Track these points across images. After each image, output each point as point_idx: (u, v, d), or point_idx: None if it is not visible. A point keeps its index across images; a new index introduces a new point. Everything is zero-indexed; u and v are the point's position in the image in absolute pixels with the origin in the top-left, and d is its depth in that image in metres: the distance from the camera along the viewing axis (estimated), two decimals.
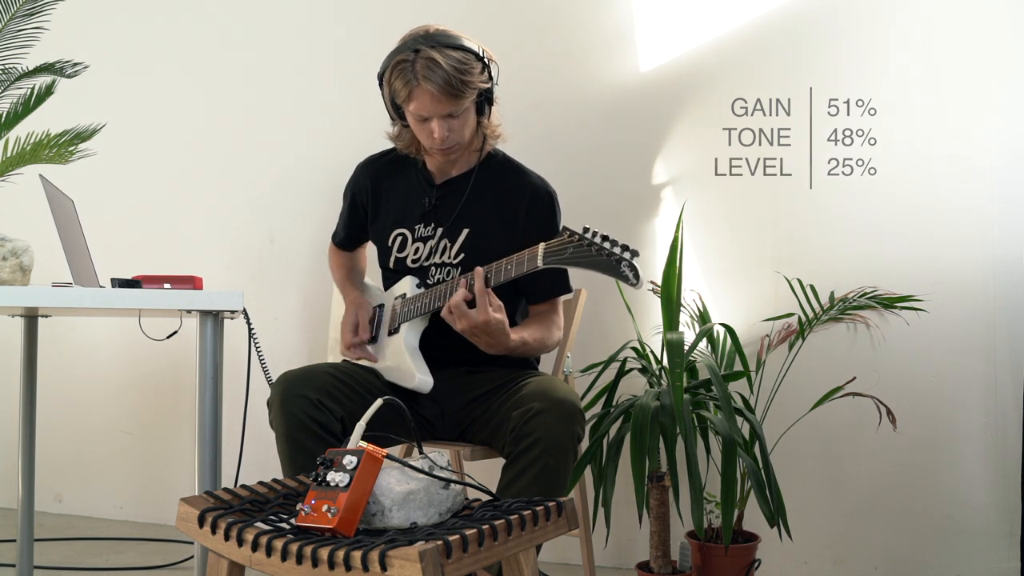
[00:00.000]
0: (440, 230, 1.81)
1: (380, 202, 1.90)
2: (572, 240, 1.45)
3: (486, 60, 1.70)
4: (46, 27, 1.87)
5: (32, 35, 1.86)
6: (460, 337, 1.67)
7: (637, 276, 1.41)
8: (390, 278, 1.90)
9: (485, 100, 1.74)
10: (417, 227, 1.84)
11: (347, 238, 2.03)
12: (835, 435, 2.22)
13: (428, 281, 1.81)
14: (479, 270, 1.59)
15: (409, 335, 1.77)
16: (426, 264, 1.82)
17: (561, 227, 1.48)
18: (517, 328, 1.72)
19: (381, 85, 1.75)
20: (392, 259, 1.86)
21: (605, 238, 1.43)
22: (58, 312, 2.11)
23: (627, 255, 1.41)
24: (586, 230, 1.44)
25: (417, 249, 1.83)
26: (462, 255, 1.79)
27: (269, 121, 2.83)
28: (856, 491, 2.20)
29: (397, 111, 1.75)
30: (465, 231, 1.79)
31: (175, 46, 2.95)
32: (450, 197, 1.82)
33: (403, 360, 1.75)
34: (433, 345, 1.78)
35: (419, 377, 1.71)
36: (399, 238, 1.86)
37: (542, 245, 1.51)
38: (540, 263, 1.50)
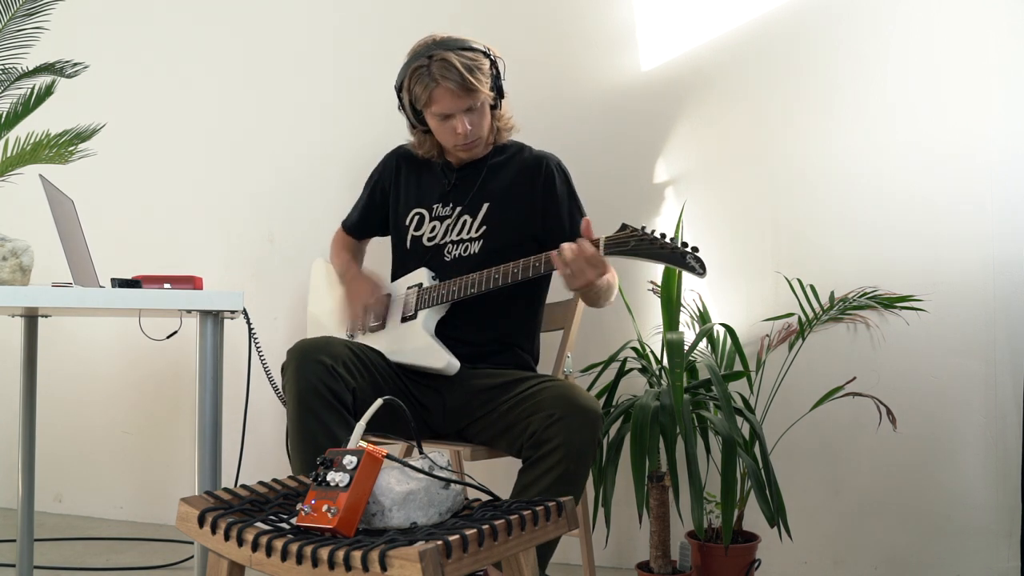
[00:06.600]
0: (459, 208, 1.89)
1: (401, 184, 1.99)
2: (635, 234, 1.53)
3: (493, 58, 1.81)
4: (46, 27, 1.87)
5: (32, 35, 1.86)
6: (464, 330, 1.79)
7: (704, 268, 1.48)
8: (403, 263, 1.95)
9: (497, 94, 1.85)
10: (435, 206, 1.92)
11: (360, 221, 2.09)
12: (835, 435, 2.22)
13: (445, 258, 1.87)
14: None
15: (428, 321, 1.83)
16: (442, 243, 1.88)
17: (621, 224, 1.58)
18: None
19: (399, 95, 1.85)
20: (409, 238, 1.93)
21: (663, 235, 1.51)
22: (58, 312, 2.11)
23: (689, 249, 1.48)
24: (643, 228, 1.53)
25: (434, 228, 1.90)
26: (484, 228, 1.86)
27: (269, 121, 2.83)
28: (856, 491, 2.20)
29: (417, 117, 1.85)
30: (486, 205, 1.87)
31: (175, 46, 2.95)
32: (469, 177, 1.91)
33: (429, 343, 1.80)
34: (439, 336, 1.83)
35: (448, 359, 1.76)
36: (416, 217, 1.93)
37: (603, 237, 1.58)
38: (601, 253, 1.57)
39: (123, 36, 3.01)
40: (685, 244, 1.49)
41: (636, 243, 1.52)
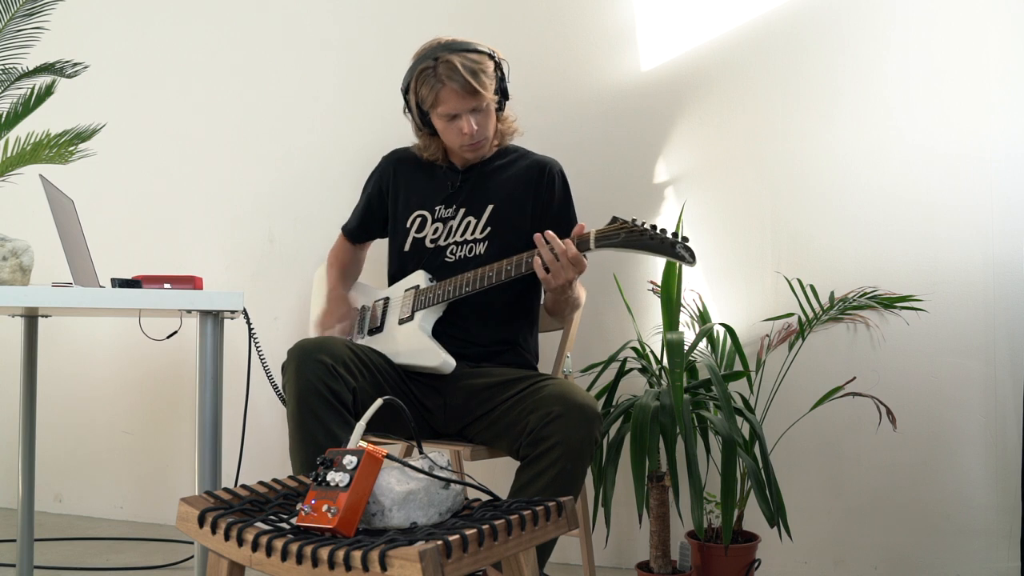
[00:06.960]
0: (463, 210, 1.91)
1: (400, 186, 2.00)
2: (624, 227, 1.59)
3: (498, 60, 1.83)
4: (46, 27, 1.87)
5: (32, 35, 1.86)
6: (470, 331, 1.82)
7: (693, 256, 1.54)
8: (403, 266, 1.95)
9: (501, 96, 1.87)
10: (438, 208, 1.93)
11: (359, 227, 2.10)
12: (835, 435, 2.22)
13: (447, 259, 1.89)
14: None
15: (425, 322, 1.85)
16: (444, 244, 1.90)
17: (611, 216, 1.62)
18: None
19: (406, 97, 1.87)
20: (409, 240, 1.94)
21: (654, 227, 1.56)
22: (58, 312, 2.11)
23: (679, 239, 1.54)
24: (634, 220, 1.58)
25: (436, 230, 1.92)
26: (488, 228, 1.88)
27: (269, 121, 2.83)
28: (856, 491, 2.20)
29: (424, 119, 1.87)
30: (490, 206, 1.89)
31: (175, 47, 2.95)
32: (472, 180, 1.93)
33: (425, 343, 1.81)
34: (437, 335, 1.84)
35: (443, 358, 1.77)
36: (418, 219, 1.94)
37: (593, 231, 1.63)
38: (592, 246, 1.63)
39: (123, 36, 3.00)
40: (675, 234, 1.53)
41: (626, 235, 1.58)
